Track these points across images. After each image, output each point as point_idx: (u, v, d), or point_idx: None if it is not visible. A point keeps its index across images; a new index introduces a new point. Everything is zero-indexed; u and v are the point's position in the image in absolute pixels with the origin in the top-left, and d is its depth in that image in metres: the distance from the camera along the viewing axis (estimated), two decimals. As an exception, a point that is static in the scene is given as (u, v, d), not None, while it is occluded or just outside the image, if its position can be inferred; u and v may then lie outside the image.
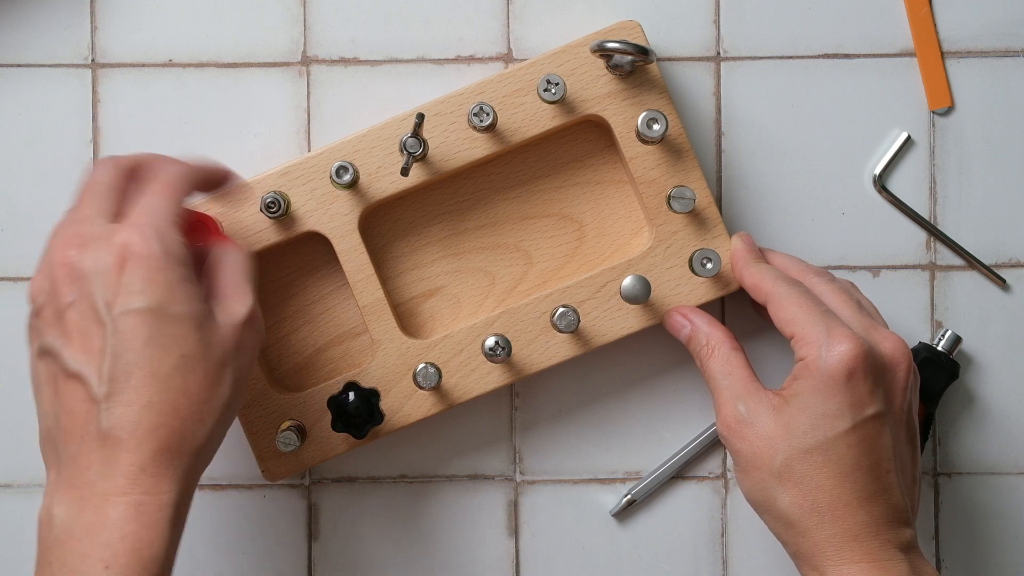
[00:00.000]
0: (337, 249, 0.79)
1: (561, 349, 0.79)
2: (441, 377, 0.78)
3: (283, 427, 0.79)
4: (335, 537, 0.83)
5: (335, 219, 0.79)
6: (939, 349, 0.81)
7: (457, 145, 0.79)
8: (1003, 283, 0.83)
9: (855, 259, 0.83)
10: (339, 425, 0.78)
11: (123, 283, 0.67)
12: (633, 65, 0.78)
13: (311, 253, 0.82)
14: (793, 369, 0.73)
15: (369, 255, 0.79)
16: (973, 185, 0.83)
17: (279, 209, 0.78)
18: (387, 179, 0.79)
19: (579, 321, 0.78)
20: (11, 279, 0.82)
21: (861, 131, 0.83)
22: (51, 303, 0.68)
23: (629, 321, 0.79)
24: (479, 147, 0.79)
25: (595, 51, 0.77)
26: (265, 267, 0.81)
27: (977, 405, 0.83)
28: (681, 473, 0.83)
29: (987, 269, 0.83)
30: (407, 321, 0.82)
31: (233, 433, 0.82)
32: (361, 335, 0.82)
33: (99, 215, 0.69)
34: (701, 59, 0.83)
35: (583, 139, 0.82)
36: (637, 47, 0.76)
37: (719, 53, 0.83)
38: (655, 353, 0.83)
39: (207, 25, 0.82)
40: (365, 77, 0.82)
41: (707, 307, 0.80)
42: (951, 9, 0.82)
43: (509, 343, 0.78)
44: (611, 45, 0.76)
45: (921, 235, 0.83)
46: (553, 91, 0.77)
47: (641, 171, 0.79)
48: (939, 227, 0.83)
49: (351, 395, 0.78)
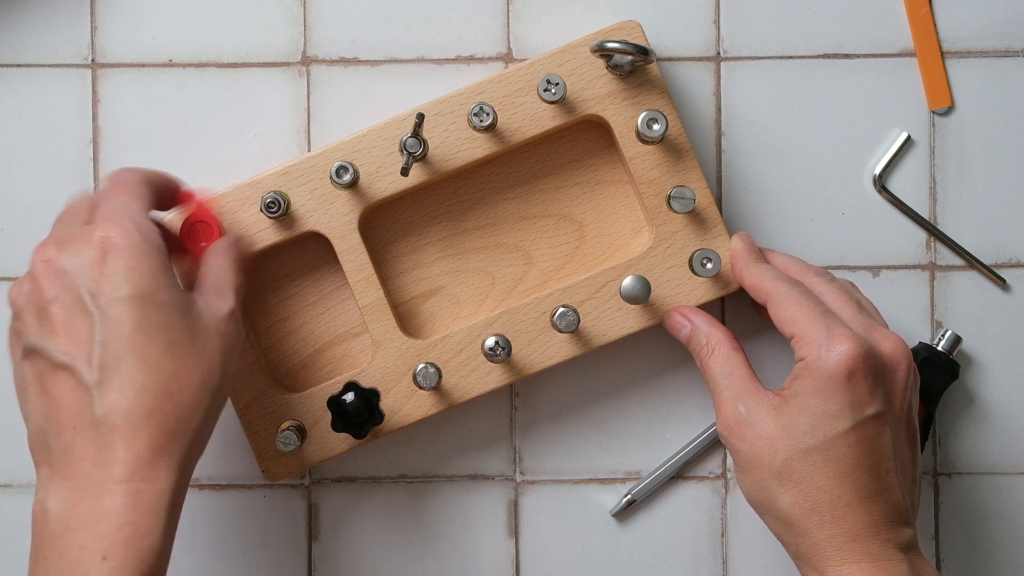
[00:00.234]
0: (337, 249, 0.79)
1: (561, 349, 0.79)
2: (441, 377, 0.78)
3: (283, 427, 0.79)
4: (335, 537, 0.83)
5: (335, 219, 0.79)
6: (939, 349, 0.81)
7: (457, 145, 0.79)
8: (1003, 283, 0.83)
9: (855, 259, 0.83)
10: (339, 425, 0.78)
11: (106, 273, 0.67)
12: (633, 65, 0.78)
13: (311, 253, 0.82)
14: (793, 369, 0.73)
15: (369, 255, 0.79)
16: (973, 185, 0.83)
17: (279, 209, 0.78)
18: (387, 179, 0.79)
19: (579, 321, 0.78)
20: (11, 279, 0.82)
21: (861, 131, 0.83)
22: (32, 302, 0.69)
23: (629, 321, 0.79)
24: (479, 147, 0.79)
25: (595, 51, 0.77)
26: (265, 267, 0.82)
27: (977, 405, 0.83)
28: (681, 473, 0.83)
29: (987, 269, 0.83)
30: (407, 321, 0.82)
31: (233, 433, 0.82)
32: (361, 335, 0.82)
33: (73, 223, 0.71)
34: (701, 59, 0.83)
35: (583, 139, 0.82)
36: (637, 47, 0.76)
37: (719, 53, 0.83)
38: (655, 353, 0.83)
39: (207, 25, 0.82)
40: (365, 77, 0.82)
41: (707, 307, 0.80)
42: (951, 9, 0.82)
43: (509, 343, 0.78)
44: (611, 45, 0.76)
45: (921, 235, 0.83)
46: (553, 91, 0.77)
47: (641, 171, 0.79)
48: (939, 227, 0.83)
49: (351, 395, 0.78)
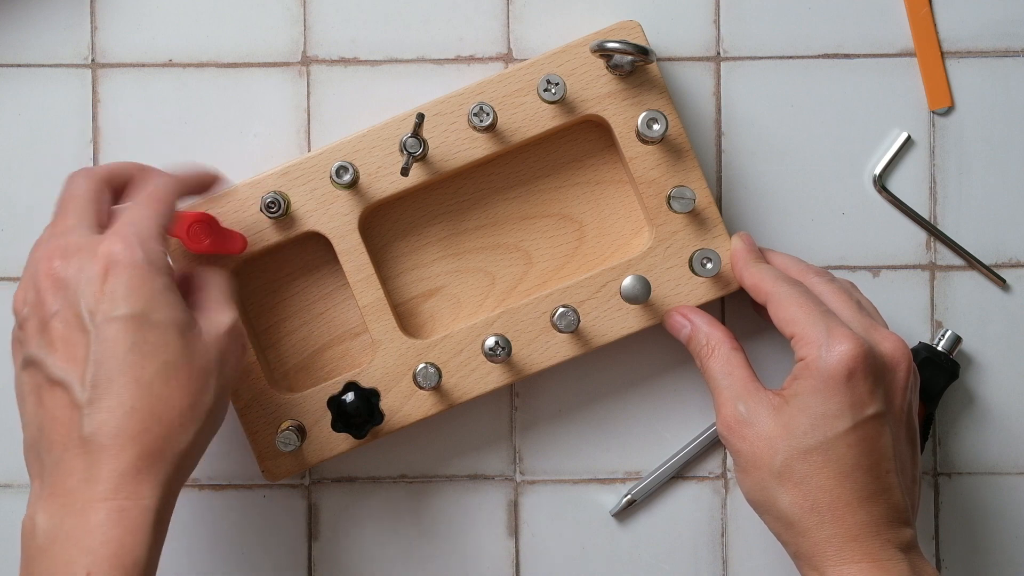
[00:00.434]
0: (337, 249, 0.79)
1: (561, 349, 0.79)
2: (441, 377, 0.78)
3: (283, 427, 0.79)
4: (335, 537, 0.83)
5: (335, 219, 0.79)
6: (939, 349, 0.81)
7: (457, 145, 0.79)
8: (1003, 283, 0.83)
9: (855, 259, 0.83)
10: (339, 425, 0.78)
11: (106, 291, 0.67)
12: (633, 65, 0.78)
13: (311, 253, 0.82)
14: (793, 369, 0.73)
15: (369, 255, 0.79)
16: (973, 185, 0.83)
17: (279, 209, 0.78)
18: (387, 179, 0.79)
19: (579, 321, 0.78)
20: (11, 279, 0.82)
21: (861, 131, 0.83)
22: (35, 314, 0.68)
23: (629, 321, 0.79)
24: (479, 147, 0.79)
25: (595, 51, 0.77)
26: (265, 267, 0.82)
27: (977, 405, 0.83)
28: (681, 473, 0.83)
29: (987, 269, 0.83)
30: (407, 321, 0.82)
31: (233, 433, 0.82)
32: (361, 335, 0.82)
33: (81, 226, 0.70)
34: (701, 59, 0.83)
35: (583, 139, 0.82)
36: (637, 47, 0.76)
37: (719, 53, 0.83)
38: (655, 353, 0.83)
39: (207, 25, 0.82)
40: (365, 77, 0.82)
41: (707, 307, 0.80)
42: (951, 9, 0.82)
43: (509, 343, 0.78)
44: (611, 45, 0.76)
45: (921, 235, 0.83)
46: (553, 91, 0.77)
47: (641, 171, 0.79)
48: (939, 227, 0.83)
49: (351, 395, 0.78)
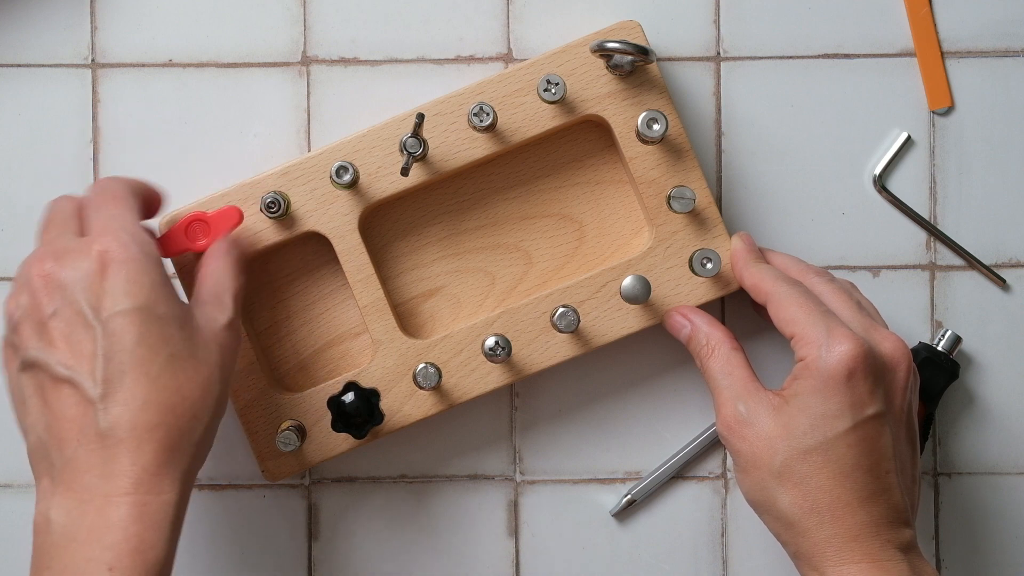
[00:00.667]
0: (337, 249, 0.79)
1: (561, 349, 0.79)
2: (441, 377, 0.78)
3: (283, 427, 0.79)
4: (335, 537, 0.83)
5: (335, 219, 0.79)
6: (939, 349, 0.81)
7: (457, 145, 0.79)
8: (1003, 283, 0.83)
9: (855, 259, 0.83)
10: (339, 425, 0.78)
11: (107, 287, 0.67)
12: (633, 65, 0.78)
13: (311, 253, 0.82)
14: (793, 369, 0.73)
15: (369, 255, 0.79)
16: (973, 185, 0.83)
17: (279, 209, 0.78)
18: (387, 179, 0.79)
19: (579, 321, 0.78)
20: (11, 279, 0.82)
21: (861, 131, 0.83)
22: (30, 316, 0.68)
23: (629, 321, 0.79)
24: (479, 147, 0.79)
25: (595, 51, 0.77)
26: (265, 267, 0.82)
27: (977, 405, 0.83)
28: (681, 473, 0.83)
29: (987, 269, 0.83)
30: (407, 321, 0.82)
31: (233, 433, 0.82)
32: (361, 335, 0.82)
33: (66, 233, 0.71)
34: (701, 59, 0.83)
35: (583, 139, 0.82)
36: (637, 47, 0.76)
37: (719, 53, 0.83)
38: (655, 353, 0.83)
39: (207, 25, 0.82)
40: (365, 77, 0.82)
41: (707, 307, 0.80)
42: (951, 9, 0.82)
43: (509, 343, 0.78)
44: (611, 45, 0.76)
45: (921, 235, 0.83)
46: (553, 91, 0.77)
47: (641, 171, 0.79)
48: (939, 227, 0.83)
49: (351, 395, 0.78)
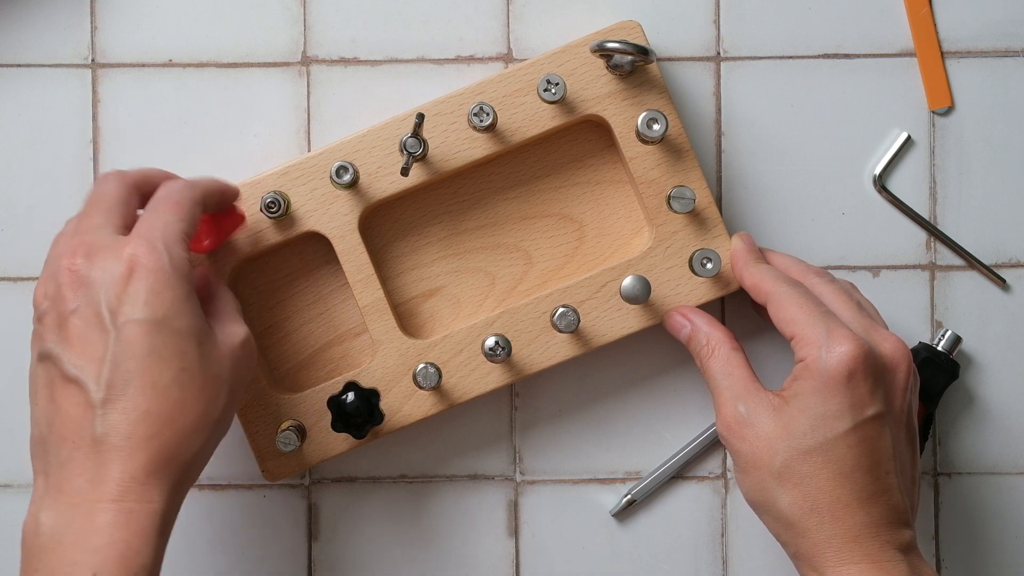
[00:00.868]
0: (337, 249, 0.79)
1: (561, 349, 0.79)
2: (441, 377, 0.78)
3: (283, 427, 0.79)
4: (335, 537, 0.83)
5: (335, 219, 0.79)
6: (939, 349, 0.81)
7: (457, 145, 0.79)
8: (1003, 283, 0.83)
9: (855, 259, 0.83)
10: (339, 425, 0.78)
11: (128, 293, 0.67)
12: (633, 65, 0.78)
13: (311, 253, 0.82)
14: (793, 370, 0.73)
15: (369, 255, 0.79)
16: (973, 185, 0.83)
17: (279, 209, 0.78)
18: (387, 179, 0.79)
19: (579, 321, 0.78)
20: (11, 279, 0.82)
21: (861, 131, 0.83)
22: (54, 309, 0.68)
23: (629, 321, 0.79)
24: (479, 147, 0.79)
25: (595, 51, 0.77)
26: (265, 267, 0.82)
27: (977, 405, 0.83)
28: (681, 473, 0.83)
29: (987, 269, 0.83)
30: (407, 321, 0.82)
31: (233, 433, 0.82)
32: (361, 335, 0.82)
33: (107, 226, 0.70)
34: (701, 59, 0.83)
35: (583, 139, 0.82)
36: (637, 47, 0.76)
37: (719, 53, 0.82)
38: (655, 353, 0.83)
39: (207, 25, 0.82)
40: (365, 77, 0.82)
41: (707, 307, 0.80)
42: (951, 9, 0.82)
43: (509, 343, 0.78)
44: (611, 45, 0.76)
45: (921, 235, 0.83)
46: (553, 91, 0.77)
47: (641, 171, 0.79)
48: (939, 227, 0.83)
49: (351, 395, 0.78)
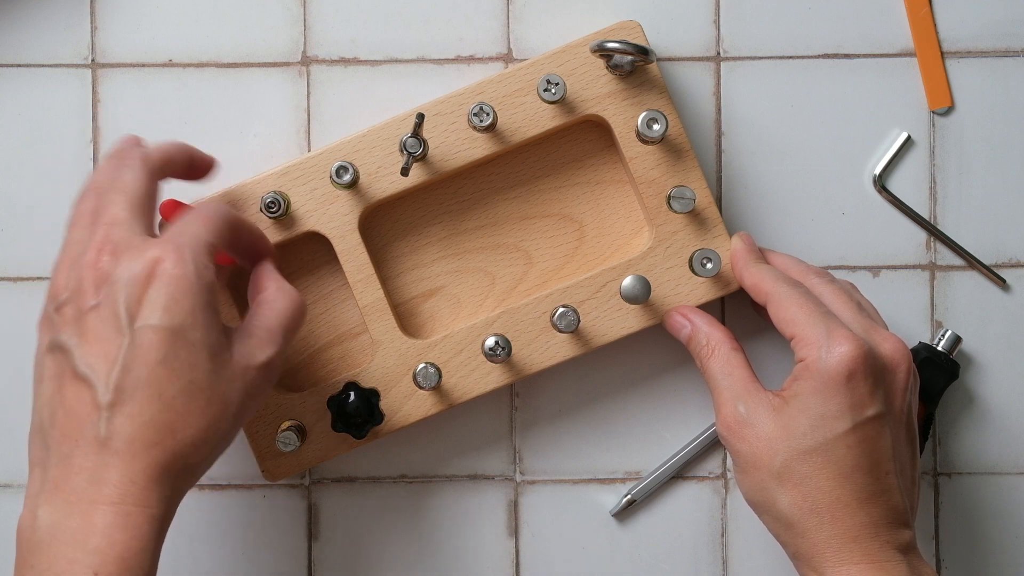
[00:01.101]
0: (337, 249, 0.79)
1: (561, 349, 0.79)
2: (441, 377, 0.78)
3: (283, 427, 0.79)
4: (335, 537, 0.83)
5: (335, 219, 0.79)
6: (939, 349, 0.81)
7: (457, 145, 0.79)
8: (1003, 283, 0.83)
9: (855, 259, 0.83)
10: (339, 425, 0.78)
11: (148, 297, 0.67)
12: (633, 65, 0.78)
13: (311, 253, 0.82)
14: (793, 370, 0.73)
15: (369, 255, 0.79)
16: (973, 185, 0.83)
17: (279, 209, 0.78)
18: (387, 179, 0.79)
19: (579, 321, 0.78)
20: (11, 279, 0.82)
21: (861, 131, 0.83)
22: (74, 302, 0.68)
23: (629, 321, 0.79)
24: (479, 147, 0.79)
25: (595, 51, 0.77)
26: (265, 267, 0.82)
27: (977, 405, 0.83)
28: (681, 473, 0.83)
29: (987, 269, 0.83)
30: (407, 321, 0.82)
31: (233, 433, 0.82)
32: (361, 335, 0.82)
33: (134, 222, 0.69)
34: (701, 59, 0.82)
35: (583, 139, 0.82)
36: (637, 47, 0.76)
37: (719, 53, 0.82)
38: (655, 353, 0.83)
39: (207, 25, 0.82)
40: (365, 77, 0.82)
41: (707, 307, 0.80)
42: (951, 9, 0.82)
43: (509, 343, 0.78)
44: (611, 45, 0.76)
45: (921, 235, 0.83)
46: (553, 91, 0.77)
47: (641, 171, 0.79)
48: (939, 227, 0.83)
49: (351, 395, 0.78)
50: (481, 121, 0.77)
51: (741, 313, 0.83)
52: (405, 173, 0.76)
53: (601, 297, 0.79)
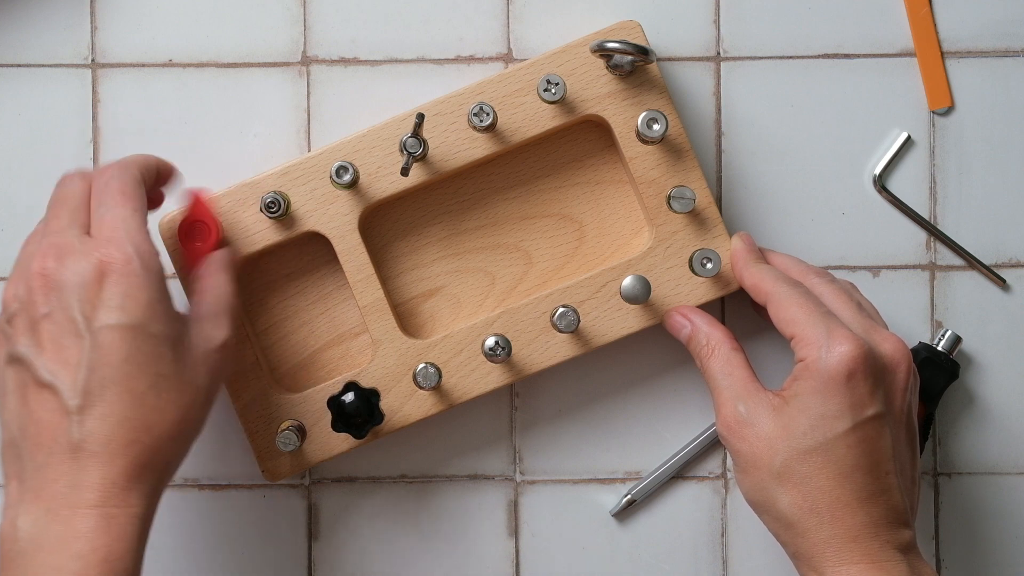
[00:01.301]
0: (337, 249, 0.79)
1: (561, 349, 0.79)
2: (441, 377, 0.78)
3: (283, 427, 0.79)
4: (335, 537, 0.83)
5: (335, 219, 0.79)
6: (939, 349, 0.81)
7: (457, 145, 0.79)
8: (1003, 283, 0.83)
9: (855, 259, 0.83)
10: (339, 425, 0.78)
11: (102, 298, 0.67)
12: (633, 65, 0.78)
13: (311, 253, 0.82)
14: (793, 370, 0.73)
15: (369, 255, 0.79)
16: (973, 185, 0.83)
17: (279, 209, 0.78)
18: (387, 179, 0.79)
19: (579, 321, 0.78)
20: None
21: (861, 131, 0.83)
22: (25, 311, 0.68)
23: (629, 321, 0.79)
24: (479, 147, 0.79)
25: (595, 51, 0.77)
26: (265, 267, 0.82)
27: (977, 405, 0.83)
28: (681, 473, 0.83)
29: (987, 269, 0.83)
30: (407, 321, 0.82)
31: (233, 433, 0.82)
32: (361, 335, 0.82)
33: (74, 226, 0.70)
34: (701, 59, 0.83)
35: (583, 139, 0.82)
36: (637, 47, 0.76)
37: (719, 53, 0.83)
38: (655, 353, 0.83)
39: (207, 25, 0.82)
40: (365, 77, 0.82)
41: (707, 307, 0.80)
42: (951, 9, 0.82)
43: (509, 343, 0.78)
44: (611, 45, 0.76)
45: (921, 235, 0.83)
46: (553, 91, 0.77)
47: (641, 171, 0.79)
48: (939, 227, 0.83)
49: (351, 395, 0.78)
50: (481, 121, 0.77)
51: (741, 313, 0.83)
52: (405, 173, 0.76)
53: (601, 297, 0.79)
